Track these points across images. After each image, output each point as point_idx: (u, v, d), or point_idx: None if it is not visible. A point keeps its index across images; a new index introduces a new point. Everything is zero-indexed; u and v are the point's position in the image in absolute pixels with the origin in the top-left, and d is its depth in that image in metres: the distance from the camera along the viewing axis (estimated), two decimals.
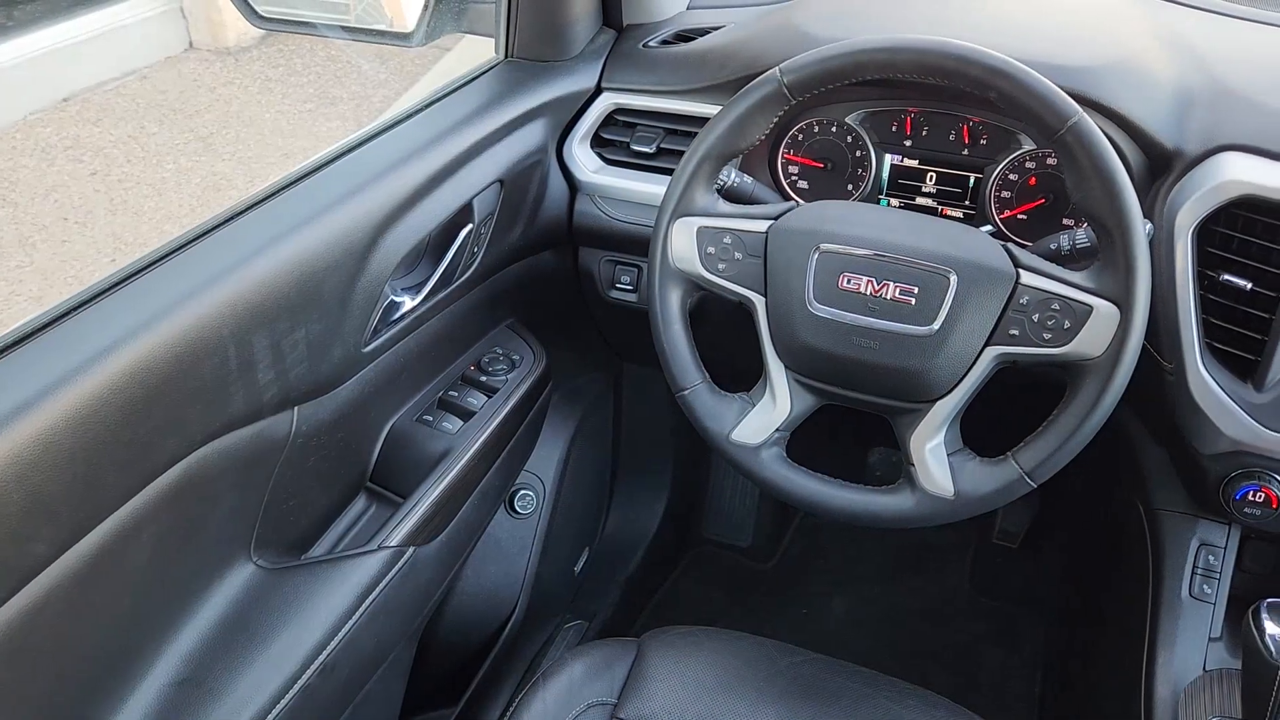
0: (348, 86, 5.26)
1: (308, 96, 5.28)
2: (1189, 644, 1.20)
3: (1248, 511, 1.12)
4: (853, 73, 1.04)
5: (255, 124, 4.96)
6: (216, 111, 5.07)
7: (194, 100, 5.20)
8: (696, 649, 1.21)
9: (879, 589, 2.11)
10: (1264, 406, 1.08)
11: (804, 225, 1.08)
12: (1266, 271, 1.07)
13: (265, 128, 4.91)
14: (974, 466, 1.05)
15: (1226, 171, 1.08)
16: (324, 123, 4.65)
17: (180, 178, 4.44)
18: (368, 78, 5.15)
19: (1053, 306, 0.99)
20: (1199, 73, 1.18)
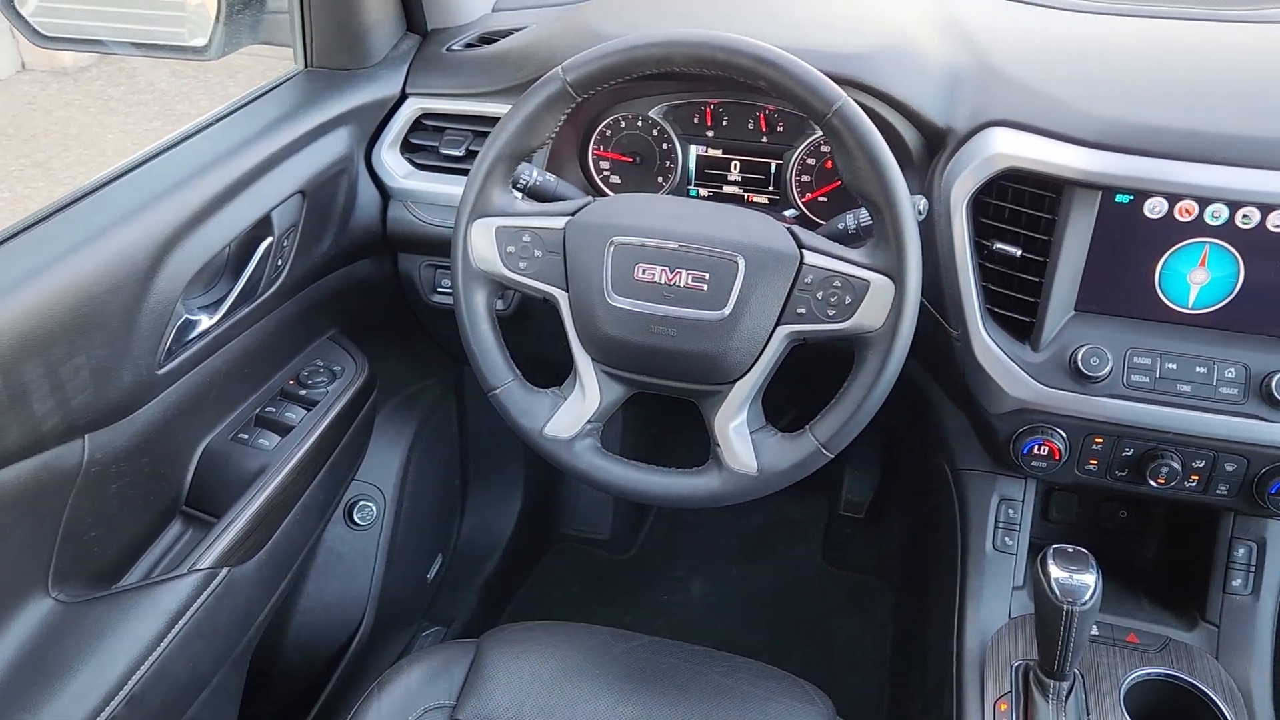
0: (195, 103, 5.09)
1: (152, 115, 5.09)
2: (995, 594, 1.27)
3: (1035, 465, 1.19)
4: (631, 68, 1.06)
5: (97, 146, 4.77)
6: (54, 135, 4.86)
7: (29, 124, 4.96)
8: (534, 644, 1.22)
9: (736, 569, 2.16)
10: (1041, 365, 1.15)
11: (598, 220, 1.10)
12: (1035, 238, 1.14)
13: (108, 149, 4.72)
14: (775, 442, 1.09)
15: (994, 146, 1.14)
16: None
17: (15, 205, 4.23)
18: (217, 93, 5.01)
19: (834, 284, 1.03)
20: (968, 54, 1.24)
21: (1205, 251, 1.10)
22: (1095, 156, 1.10)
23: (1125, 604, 1.28)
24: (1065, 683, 1.08)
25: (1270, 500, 1.13)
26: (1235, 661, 1.20)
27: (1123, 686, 1.15)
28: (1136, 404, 1.13)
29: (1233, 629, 1.22)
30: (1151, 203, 1.09)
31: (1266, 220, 1.07)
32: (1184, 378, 1.12)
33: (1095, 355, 1.12)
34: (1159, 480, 1.15)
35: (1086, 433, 1.17)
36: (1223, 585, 1.24)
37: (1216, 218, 1.08)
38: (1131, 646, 1.21)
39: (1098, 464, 1.19)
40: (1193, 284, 1.12)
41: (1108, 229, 1.12)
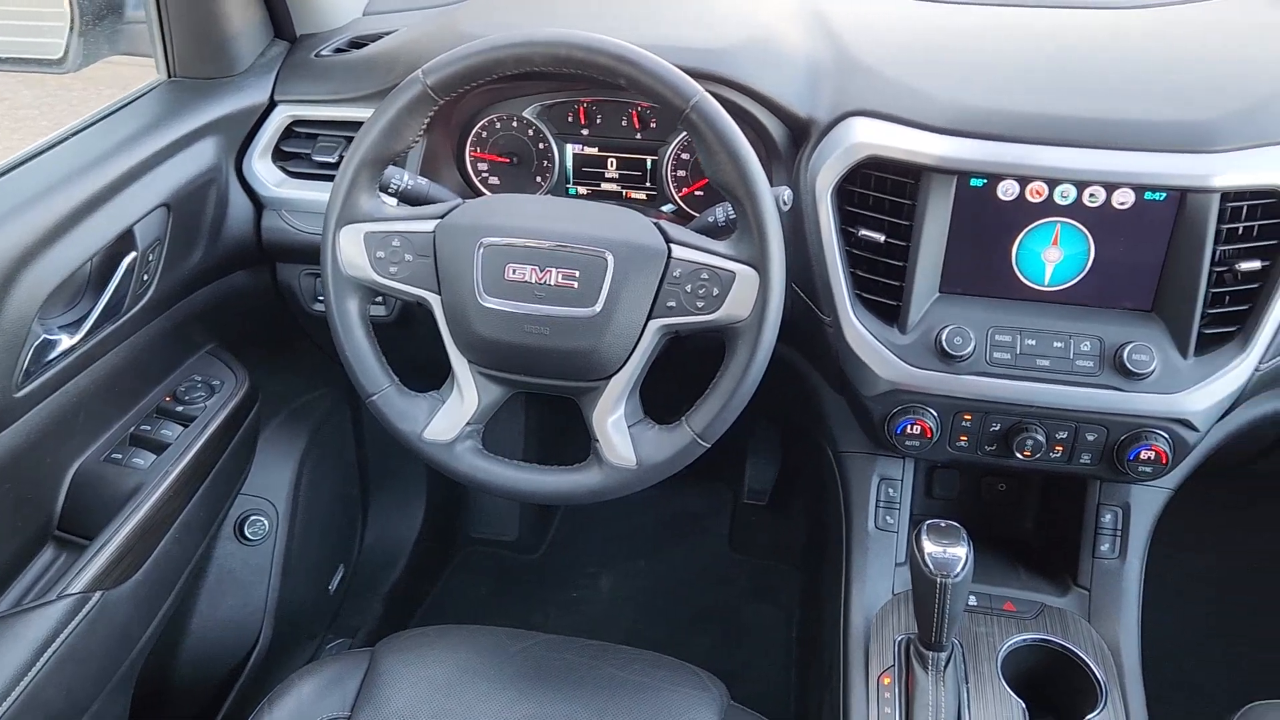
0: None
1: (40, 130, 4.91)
2: (878, 572, 1.30)
3: (909, 444, 1.23)
4: (491, 69, 1.06)
5: None
6: None
7: None
8: (429, 649, 1.22)
9: (644, 562, 2.18)
10: (909, 347, 1.19)
11: (468, 222, 1.10)
12: (897, 224, 1.17)
13: None
14: (653, 435, 1.10)
15: (854, 136, 1.17)
16: None
17: None
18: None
19: (702, 276, 1.05)
20: (829, 46, 1.27)
21: (1057, 230, 1.15)
22: (949, 143, 1.13)
23: (1003, 574, 1.33)
24: (943, 653, 1.12)
25: (1130, 466, 1.18)
26: (1105, 622, 1.25)
27: (1000, 653, 1.19)
28: (999, 380, 1.17)
29: (1102, 592, 1.27)
30: (1004, 185, 1.13)
31: (1111, 198, 1.12)
32: (1043, 353, 1.16)
33: (959, 335, 1.16)
34: (1025, 453, 1.20)
35: (955, 410, 1.21)
36: (1092, 550, 1.29)
37: (1065, 197, 1.13)
38: (1008, 615, 1.25)
39: (968, 440, 1.23)
40: (1047, 262, 1.17)
41: (965, 212, 1.15)
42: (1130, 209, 1.12)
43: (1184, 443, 1.17)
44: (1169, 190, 1.10)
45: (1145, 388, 1.14)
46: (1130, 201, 1.11)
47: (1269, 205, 1.11)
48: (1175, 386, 1.14)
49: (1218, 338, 1.15)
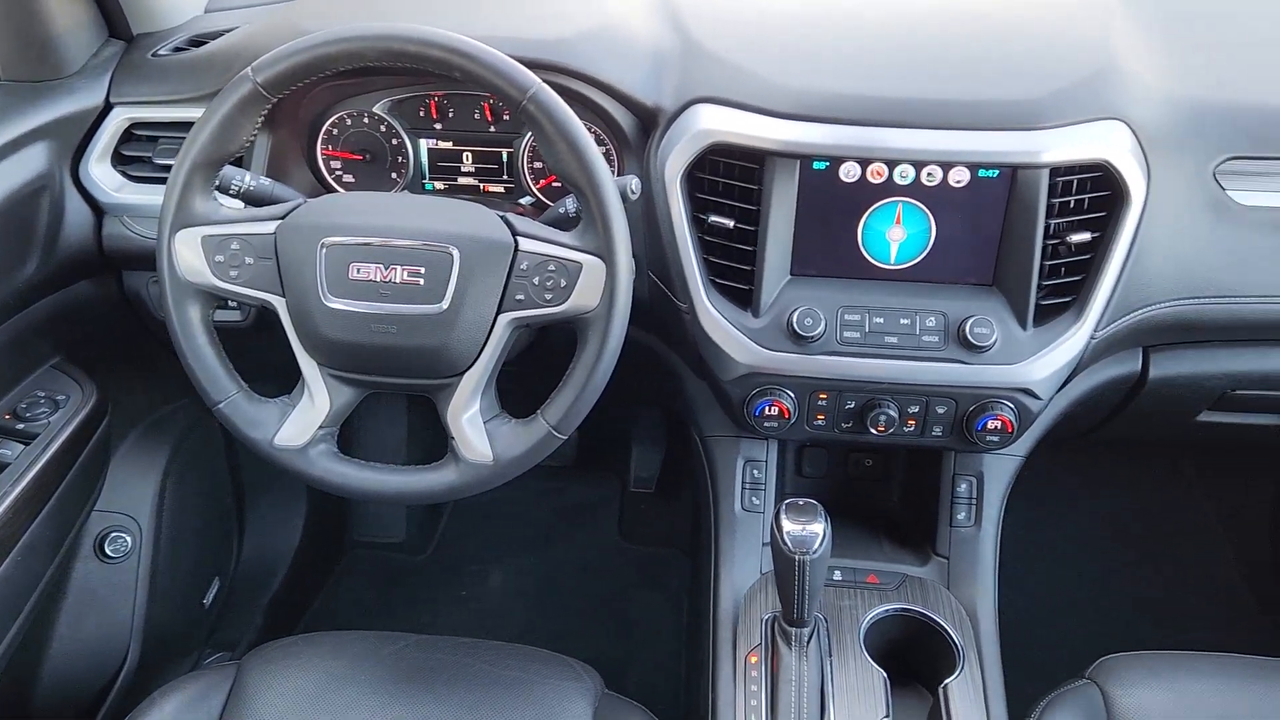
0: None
1: None
2: (746, 553, 1.32)
3: (768, 425, 1.25)
4: (322, 65, 1.04)
5: None
6: None
7: None
8: (297, 658, 1.20)
9: (534, 556, 2.17)
10: (762, 330, 1.20)
11: (309, 221, 1.08)
12: (746, 209, 1.19)
13: None
14: (509, 430, 1.10)
15: (700, 123, 1.18)
16: None
17: None
18: None
19: (549, 268, 1.05)
20: (674, 34, 1.28)
21: (899, 210, 1.17)
22: (791, 127, 1.15)
23: (868, 547, 1.36)
24: (806, 629, 1.14)
25: (978, 436, 1.22)
26: (963, 589, 1.29)
27: (862, 625, 1.22)
28: (850, 359, 1.19)
29: (960, 559, 1.31)
30: (846, 167, 1.15)
31: (948, 177, 1.15)
32: (891, 330, 1.19)
33: (809, 316, 1.18)
34: (879, 428, 1.23)
35: (811, 390, 1.23)
36: (949, 520, 1.33)
37: (904, 177, 1.15)
38: (871, 587, 1.28)
39: (825, 419, 1.25)
40: (892, 241, 1.19)
41: (810, 195, 1.17)
42: (966, 186, 1.15)
43: (1028, 411, 1.21)
44: (1001, 167, 1.14)
45: (988, 360, 1.18)
46: (966, 179, 1.15)
47: (1097, 178, 1.15)
48: (1016, 357, 1.18)
49: (1055, 308, 1.19)
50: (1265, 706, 1.14)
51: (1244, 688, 1.17)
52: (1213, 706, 1.15)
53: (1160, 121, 1.19)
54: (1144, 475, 2.22)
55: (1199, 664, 1.20)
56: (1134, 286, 1.20)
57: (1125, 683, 1.17)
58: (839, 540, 1.36)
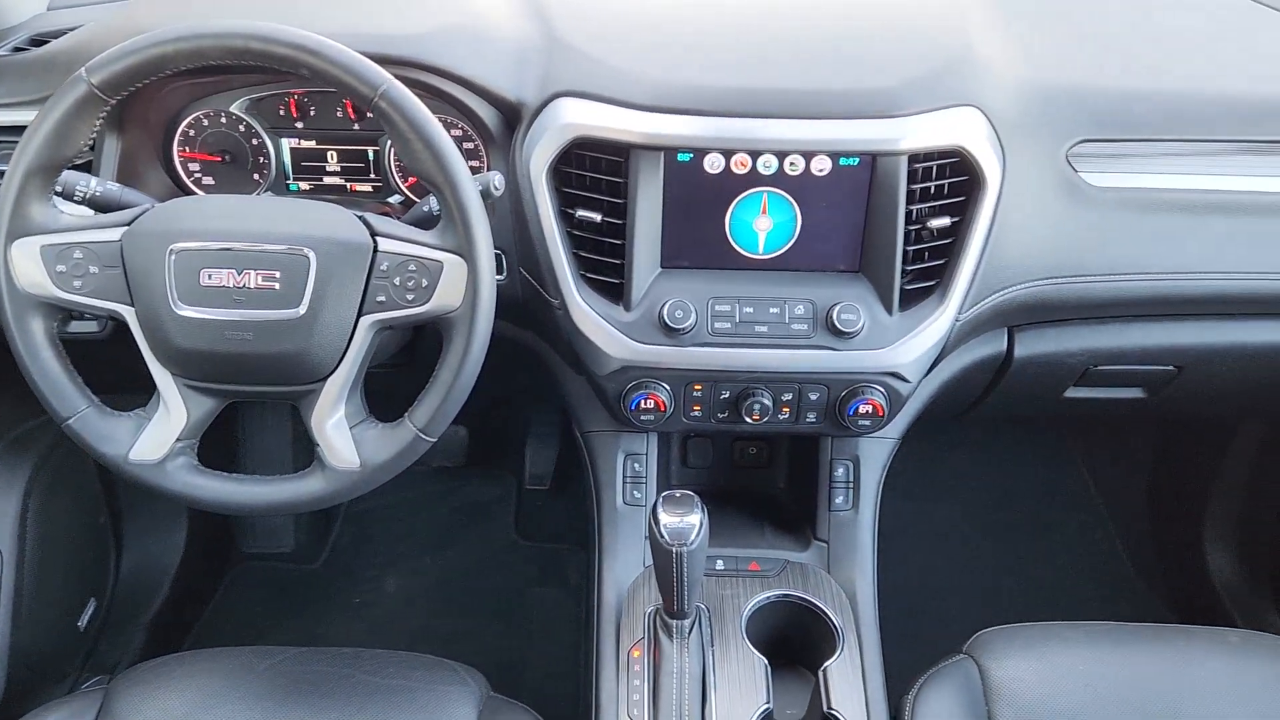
0: None
1: None
2: (629, 548, 1.32)
3: (644, 418, 1.24)
4: (162, 64, 1.00)
5: None
6: None
7: None
8: (168, 679, 1.16)
9: (430, 559, 2.14)
10: (634, 323, 1.20)
11: (156, 227, 1.03)
12: (613, 203, 1.18)
13: None
14: (375, 435, 1.08)
15: (563, 116, 1.17)
16: None
17: None
18: None
19: (410, 268, 1.03)
20: (536, 27, 1.26)
21: (764, 200, 1.18)
22: (654, 120, 1.15)
23: (750, 535, 1.37)
24: (687, 620, 1.14)
25: (851, 421, 1.24)
26: (843, 571, 1.31)
27: (744, 613, 1.23)
28: (722, 349, 1.20)
29: (839, 543, 1.33)
30: (710, 159, 1.16)
31: (810, 165, 1.16)
32: (761, 319, 1.20)
33: (679, 309, 1.18)
34: (754, 417, 1.23)
35: (686, 382, 1.23)
36: (828, 504, 1.35)
37: (768, 167, 1.16)
38: (753, 575, 1.29)
39: (700, 409, 1.25)
40: (759, 231, 1.20)
41: (676, 187, 1.17)
42: (829, 175, 1.16)
43: (898, 395, 1.23)
44: (861, 155, 1.15)
45: (855, 345, 1.19)
46: (828, 168, 1.16)
47: (954, 164, 1.18)
48: (883, 342, 1.20)
49: (919, 293, 1.21)
50: (1127, 671, 1.18)
51: (1110, 654, 1.21)
52: (1081, 674, 1.18)
53: (1013, 108, 1.22)
54: (1028, 451, 2.29)
55: (1069, 633, 1.24)
56: (994, 269, 1.23)
57: (999, 655, 1.20)
58: (722, 530, 1.37)
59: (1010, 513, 2.22)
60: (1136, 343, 1.36)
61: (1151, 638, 1.24)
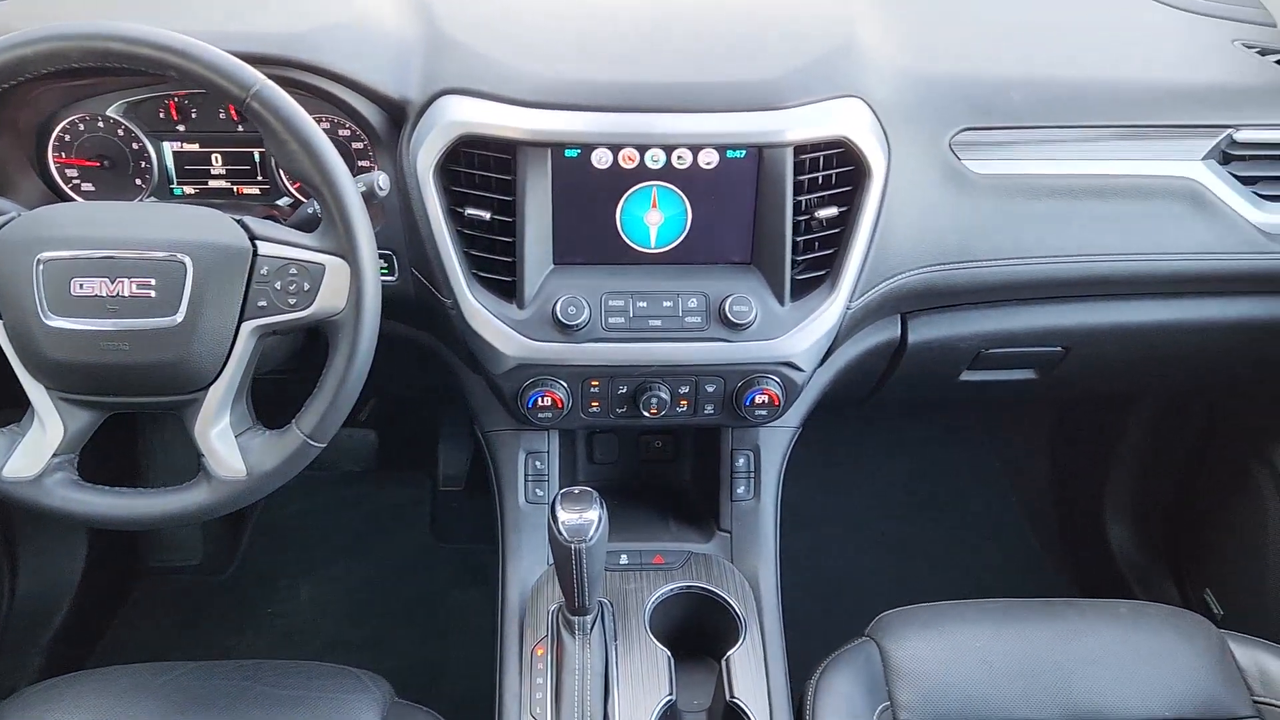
0: None
1: None
2: (533, 547, 1.31)
3: (542, 416, 1.24)
4: (22, 68, 0.97)
5: None
6: None
7: None
8: (58, 701, 1.13)
9: (343, 565, 2.12)
10: (528, 321, 1.19)
11: (23, 236, 1.00)
12: (502, 200, 1.17)
13: None
14: (261, 443, 1.06)
15: (449, 114, 1.16)
16: None
17: None
18: None
19: (291, 271, 1.01)
20: (420, 24, 1.25)
21: (654, 194, 1.18)
22: (539, 116, 1.14)
23: (655, 529, 1.38)
24: (589, 616, 1.14)
25: (748, 411, 1.25)
26: (746, 561, 1.33)
27: (648, 607, 1.24)
28: (616, 344, 1.20)
29: (742, 532, 1.35)
30: (598, 154, 1.15)
31: (698, 159, 1.16)
32: (654, 313, 1.20)
33: (572, 305, 1.17)
34: (652, 411, 1.24)
35: (583, 378, 1.23)
36: (730, 494, 1.36)
37: (656, 161, 1.16)
38: (657, 568, 1.30)
39: (599, 405, 1.25)
40: (650, 225, 1.20)
41: (565, 183, 1.17)
42: (716, 168, 1.17)
43: (793, 384, 1.25)
44: (747, 147, 1.16)
45: (749, 336, 1.20)
46: (715, 161, 1.17)
47: (840, 154, 1.19)
48: (775, 332, 1.21)
49: (810, 283, 1.23)
50: (1022, 645, 1.21)
51: (1005, 629, 1.24)
52: (978, 650, 1.21)
53: (897, 98, 1.24)
54: (938, 435, 2.33)
55: (966, 611, 1.27)
56: (883, 257, 1.25)
57: (900, 636, 1.23)
58: (627, 524, 1.38)
59: (921, 495, 2.26)
60: (1025, 325, 1.40)
61: (1045, 612, 1.27)
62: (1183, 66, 1.40)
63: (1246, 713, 1.17)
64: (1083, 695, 1.18)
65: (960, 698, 1.17)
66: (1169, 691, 1.18)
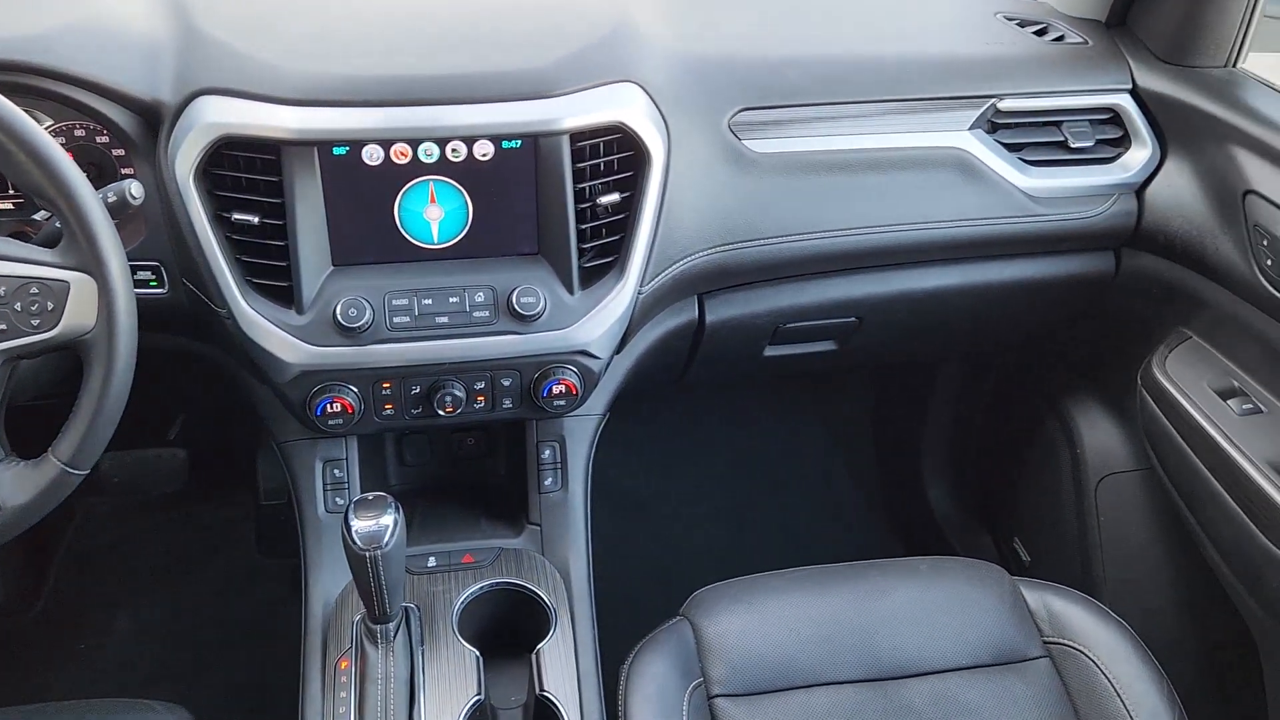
0: None
1: None
2: (335, 557, 1.28)
3: (333, 423, 1.20)
4: None
5: None
6: None
7: None
8: None
9: (163, 592, 2.02)
10: (308, 326, 1.15)
11: None
12: (271, 203, 1.13)
13: None
14: (13, 475, 0.99)
15: (206, 115, 1.10)
16: None
17: None
18: None
19: (31, 291, 0.95)
20: (172, 22, 1.19)
21: (431, 189, 1.16)
22: (302, 114, 1.10)
23: (465, 527, 1.36)
24: (391, 624, 1.11)
25: (546, 402, 1.24)
26: (556, 552, 1.32)
27: (456, 608, 1.22)
28: (403, 344, 1.17)
29: (552, 524, 1.34)
30: (368, 150, 1.12)
31: (473, 151, 1.14)
32: (440, 310, 1.18)
33: (353, 307, 1.14)
34: (448, 409, 1.22)
35: (373, 381, 1.20)
36: (538, 487, 1.35)
37: (430, 155, 1.14)
38: (467, 567, 1.28)
39: (393, 408, 1.22)
40: (431, 221, 1.18)
41: (336, 182, 1.13)
42: (493, 159, 1.15)
43: (591, 372, 1.24)
44: (522, 137, 1.15)
45: (539, 327, 1.19)
46: (491, 152, 1.15)
47: (620, 140, 1.19)
48: (566, 321, 1.20)
49: (599, 270, 1.23)
50: (827, 610, 1.25)
51: (812, 596, 1.27)
52: (786, 619, 1.24)
53: (672, 81, 1.25)
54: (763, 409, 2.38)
55: (775, 582, 1.29)
56: (671, 240, 1.25)
57: (712, 613, 1.24)
58: (436, 526, 1.35)
59: (752, 470, 2.31)
60: (818, 299, 1.43)
61: (850, 575, 1.31)
62: (949, 40, 1.45)
63: (1037, 653, 1.23)
64: (885, 652, 1.22)
65: (769, 666, 1.20)
66: (965, 640, 1.23)
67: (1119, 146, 1.43)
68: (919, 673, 1.21)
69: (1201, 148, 1.36)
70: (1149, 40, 1.45)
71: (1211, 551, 1.36)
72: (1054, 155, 1.41)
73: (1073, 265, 1.50)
